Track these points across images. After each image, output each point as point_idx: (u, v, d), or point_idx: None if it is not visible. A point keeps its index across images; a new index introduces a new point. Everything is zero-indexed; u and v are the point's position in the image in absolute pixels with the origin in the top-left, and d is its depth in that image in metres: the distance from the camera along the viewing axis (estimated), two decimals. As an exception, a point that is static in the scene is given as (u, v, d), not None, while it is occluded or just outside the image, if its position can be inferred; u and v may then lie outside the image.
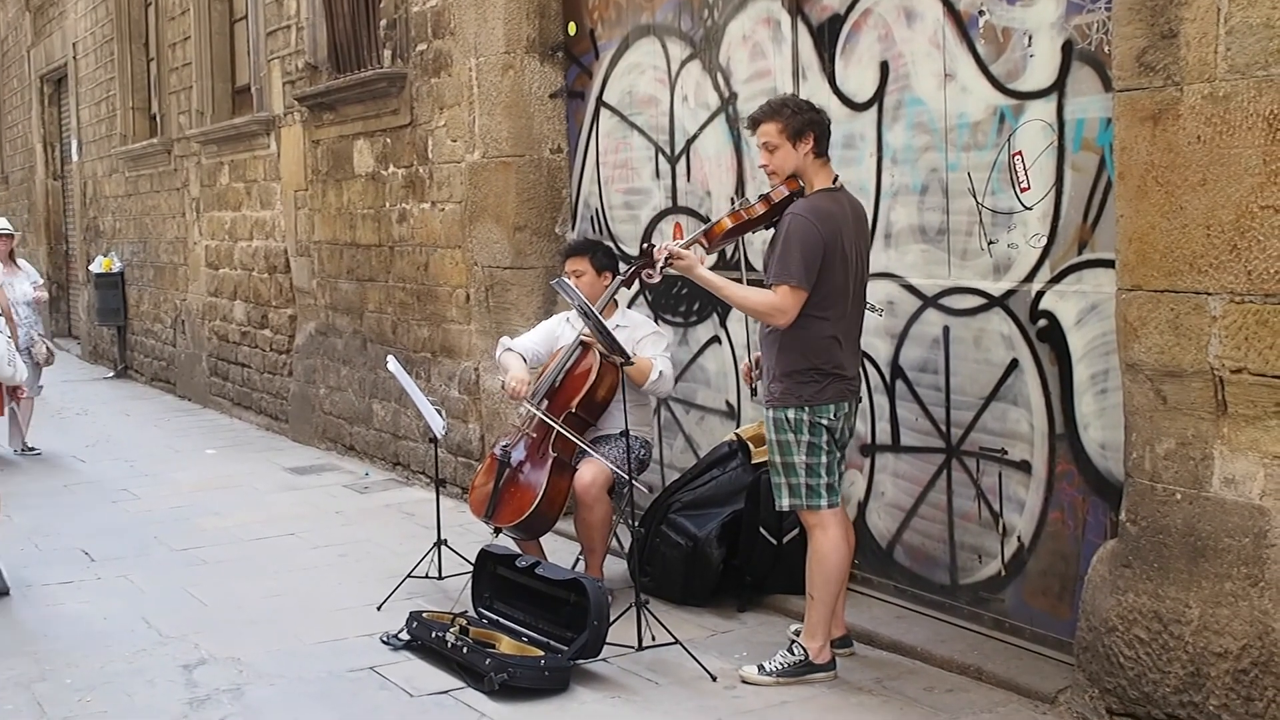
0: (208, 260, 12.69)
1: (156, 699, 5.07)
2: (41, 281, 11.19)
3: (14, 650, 5.61)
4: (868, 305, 5.21)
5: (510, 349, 6.26)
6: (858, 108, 5.69)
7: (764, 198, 5.05)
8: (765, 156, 5.00)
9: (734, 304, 5.13)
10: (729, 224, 5.08)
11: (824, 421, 4.95)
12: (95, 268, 15.56)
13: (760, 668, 5.05)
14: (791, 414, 4.94)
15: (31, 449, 10.41)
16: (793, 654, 5.05)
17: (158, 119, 14.05)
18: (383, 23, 8.96)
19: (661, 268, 5.07)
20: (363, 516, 8.08)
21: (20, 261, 11.13)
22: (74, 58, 16.98)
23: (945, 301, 5.38)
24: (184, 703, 5.02)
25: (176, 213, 13.48)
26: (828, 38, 5.83)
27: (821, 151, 4.98)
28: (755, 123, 5.04)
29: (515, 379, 6.04)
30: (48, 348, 10.54)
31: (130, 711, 4.96)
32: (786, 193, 4.99)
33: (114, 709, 4.98)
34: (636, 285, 6.85)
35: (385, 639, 5.61)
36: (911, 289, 5.53)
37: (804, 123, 4.93)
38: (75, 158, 17.47)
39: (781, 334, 4.92)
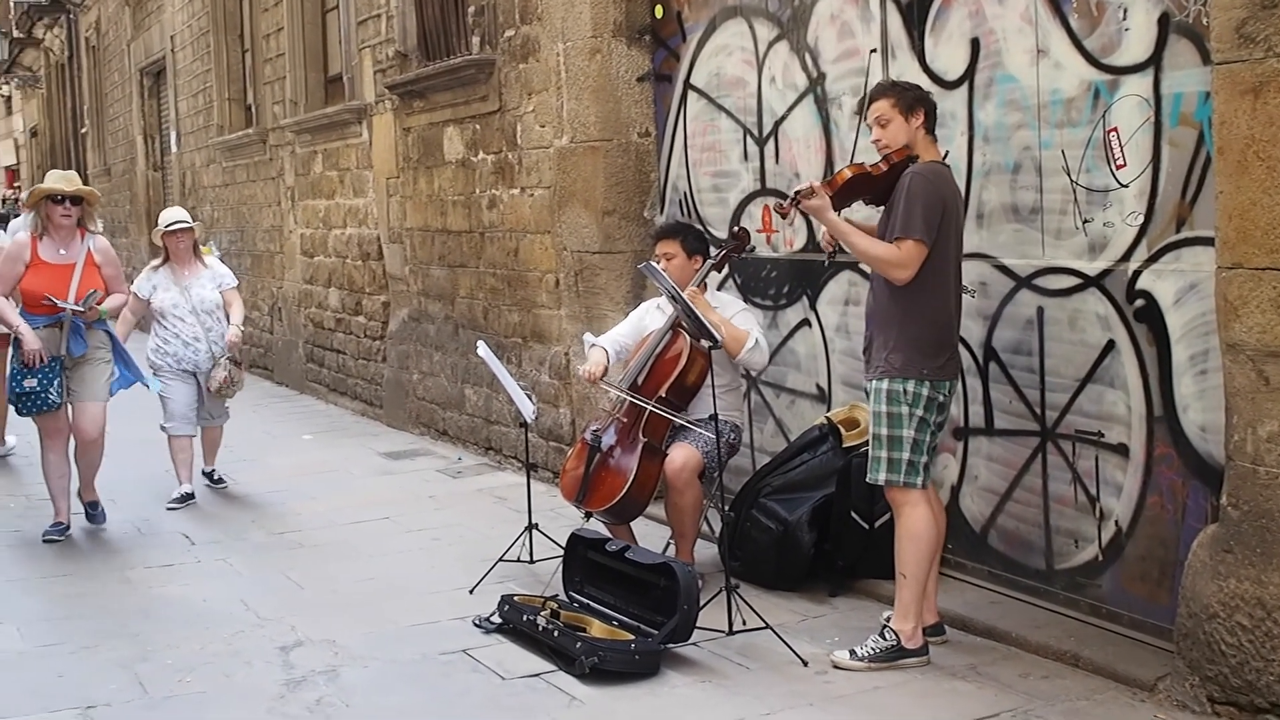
0: (303, 248, 12.85)
1: (254, 680, 5.16)
2: (234, 284, 8.60)
3: (117, 631, 5.73)
4: (962, 287, 5.15)
5: (595, 344, 6.28)
6: (948, 86, 5.61)
7: (884, 159, 5.03)
8: (878, 132, 5.02)
9: (857, 253, 5.06)
10: (849, 173, 5.05)
11: (940, 397, 4.93)
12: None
13: (852, 653, 5.02)
14: (911, 386, 4.89)
15: (219, 481, 8.67)
16: (884, 639, 5.01)
17: (253, 109, 14.25)
18: (471, 9, 9.00)
19: (792, 201, 5.04)
20: (455, 501, 8.15)
21: (210, 260, 8.78)
22: (172, 50, 17.28)
23: (1039, 282, 5.29)
24: (280, 684, 5.10)
25: (272, 201, 13.67)
26: (917, 15, 5.75)
27: (931, 128, 5.02)
28: (869, 102, 5.11)
29: (590, 362, 6.12)
30: (228, 373, 8.23)
31: (229, 691, 5.04)
32: (903, 158, 4.98)
33: (213, 689, 5.07)
34: (726, 269, 6.84)
35: (477, 622, 5.65)
36: (1004, 270, 5.44)
37: (914, 98, 5.00)
38: (174, 149, 17.77)
39: (905, 302, 4.88)
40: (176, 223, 8.37)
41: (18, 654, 5.50)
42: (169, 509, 7.94)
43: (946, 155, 5.16)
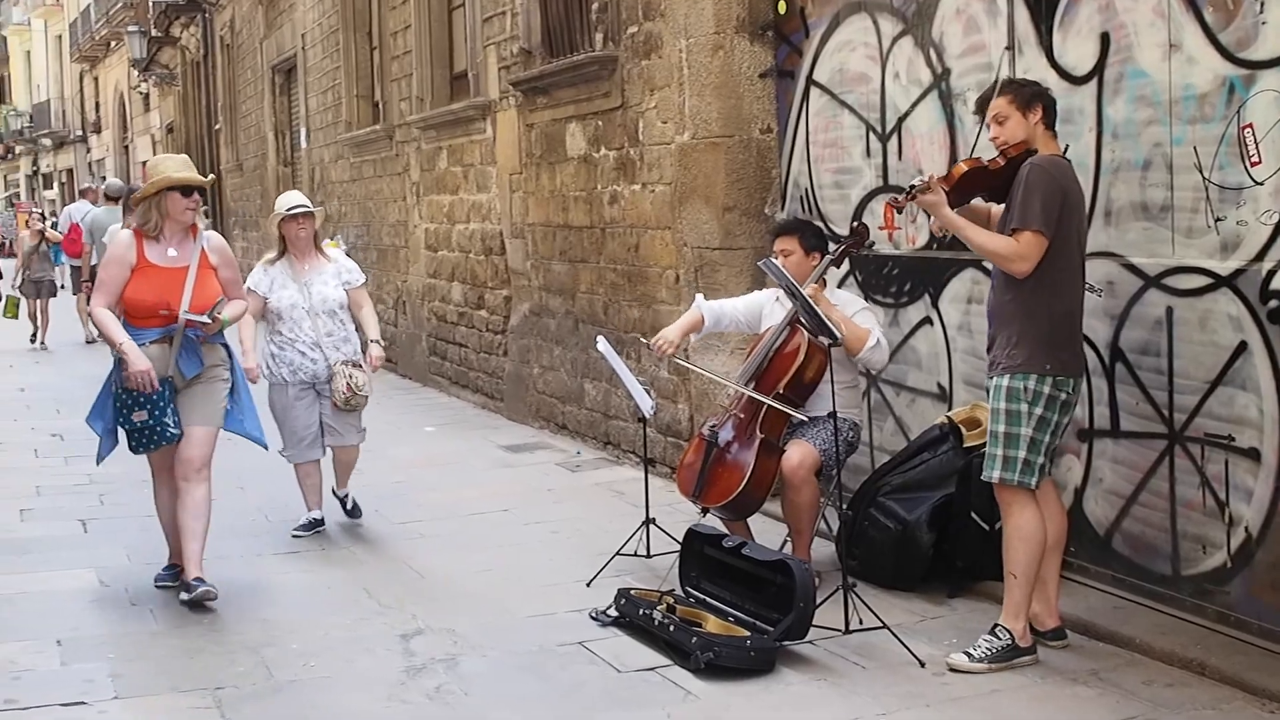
0: (427, 243, 13.04)
1: (375, 666, 5.26)
2: (361, 281, 7.48)
3: (245, 616, 5.88)
4: (1086, 285, 5.06)
5: (697, 305, 6.32)
6: (1076, 81, 5.52)
7: (1002, 153, 4.99)
8: (995, 129, 4.98)
9: (974, 246, 5.02)
10: (965, 167, 5.02)
11: (1063, 395, 4.86)
12: (324, 244, 16.08)
13: (968, 655, 4.96)
14: (1032, 383, 4.83)
15: (354, 510, 7.57)
16: (998, 638, 4.95)
17: (380, 106, 14.47)
18: (594, 6, 9.06)
19: (908, 195, 5.01)
20: (573, 494, 8.21)
21: (335, 252, 7.68)
22: (302, 48, 17.63)
23: (1168, 281, 5.17)
24: (401, 670, 5.19)
25: (398, 197, 13.88)
26: (1045, 10, 5.67)
27: (1050, 124, 4.96)
28: (984, 103, 5.09)
29: (670, 330, 6.22)
30: (347, 384, 7.11)
31: (351, 677, 5.15)
32: (1020, 152, 4.93)
33: (335, 674, 5.18)
34: (846, 265, 6.80)
35: (594, 615, 5.69)
36: (1132, 268, 5.33)
37: (1032, 94, 4.96)
38: (304, 144, 18.12)
39: (1027, 297, 4.83)
40: (296, 207, 7.25)
41: (150, 635, 5.68)
42: (294, 535, 7.18)
43: (1066, 150, 5.09)
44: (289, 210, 7.22)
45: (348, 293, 7.31)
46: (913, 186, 4.99)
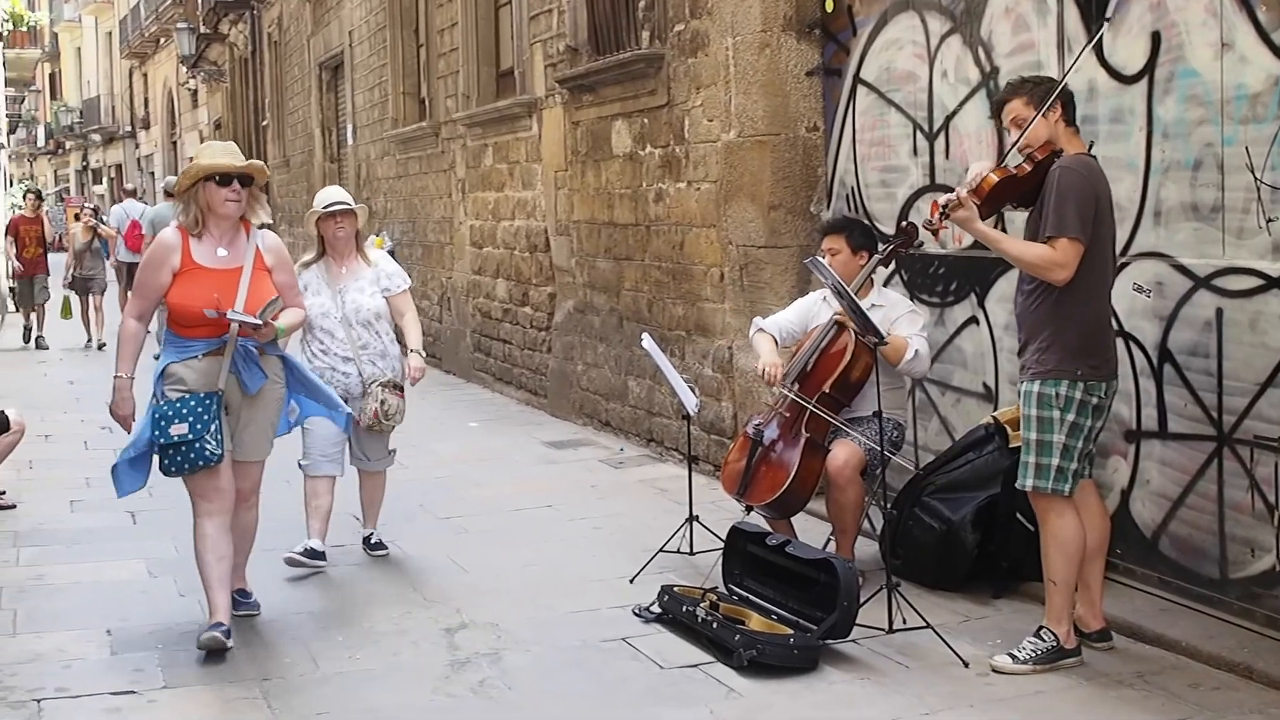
0: (472, 239, 13.09)
1: (420, 659, 5.30)
2: (404, 288, 6.69)
3: (291, 609, 5.93)
4: (1134, 286, 5.03)
5: (762, 329, 6.27)
6: (1126, 80, 5.48)
7: (1028, 158, 4.92)
8: (1016, 133, 4.91)
9: (1011, 258, 4.97)
10: (995, 179, 4.92)
11: (1095, 400, 4.80)
12: (367, 246, 16.16)
13: (1012, 656, 4.95)
14: (1063, 389, 4.79)
15: (378, 547, 6.76)
16: (1042, 639, 4.93)
17: (426, 103, 14.55)
18: (641, 4, 9.07)
19: (941, 216, 4.98)
20: (617, 491, 8.23)
21: (376, 255, 6.92)
22: (349, 45, 17.73)
23: (1218, 282, 5.13)
24: (446, 664, 5.23)
25: (443, 193, 13.95)
26: (1095, 8, 5.63)
27: (1071, 120, 4.88)
28: (999, 105, 4.99)
29: (769, 364, 6.01)
30: (377, 408, 6.40)
31: (396, 670, 5.19)
32: (1047, 154, 4.86)
33: (381, 667, 5.22)
34: (892, 264, 6.78)
35: (637, 611, 5.71)
36: (1182, 269, 5.30)
37: (1048, 91, 4.86)
38: (350, 141, 18.23)
39: (1056, 301, 4.77)
40: (335, 204, 6.58)
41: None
42: (287, 561, 6.32)
43: (1091, 147, 5.03)
44: (326, 207, 6.59)
45: (388, 300, 6.59)
46: (944, 207, 4.95)
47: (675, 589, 5.65)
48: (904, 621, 5.27)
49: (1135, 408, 5.53)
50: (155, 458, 5.34)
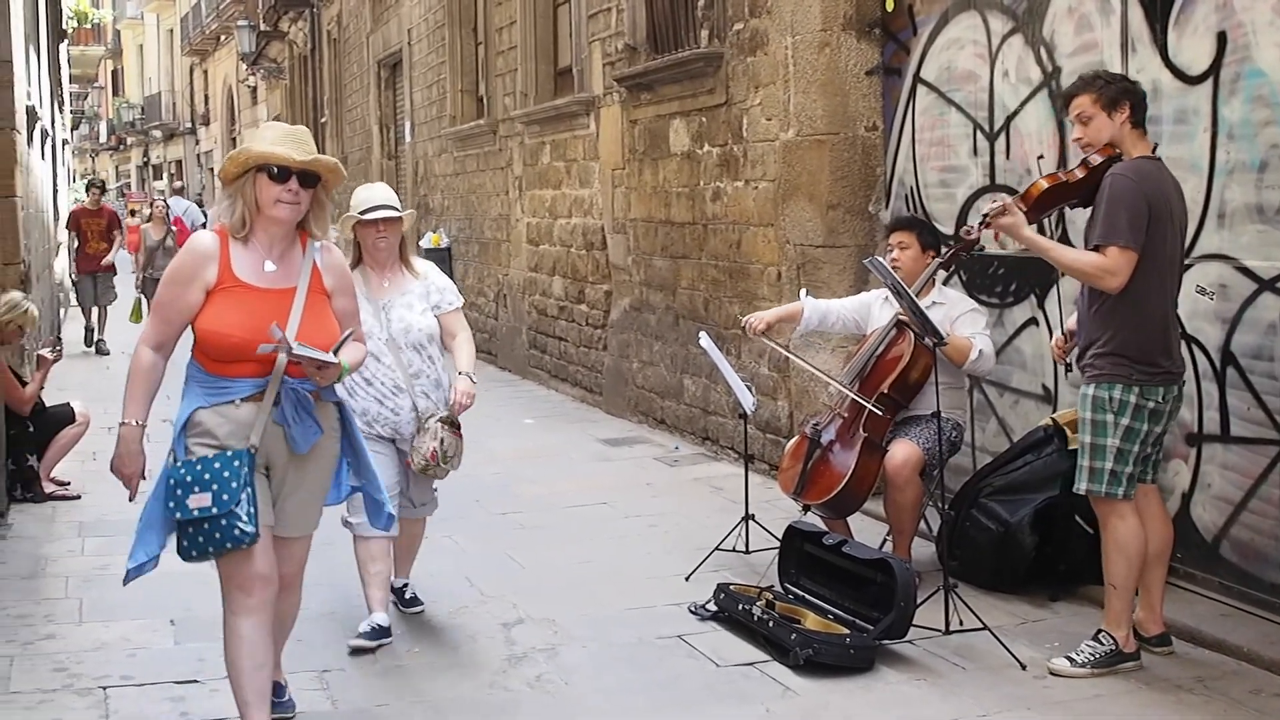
0: (529, 237, 13.15)
1: (478, 653, 5.34)
2: (456, 305, 5.59)
3: (350, 600, 5.95)
4: (1197, 288, 4.99)
5: (801, 300, 6.39)
6: (1191, 81, 5.44)
7: (1083, 163, 4.88)
8: (1080, 130, 4.86)
9: (1061, 266, 4.95)
10: (1045, 185, 4.90)
11: (1151, 404, 4.76)
12: (425, 243, 16.31)
13: (1070, 660, 4.93)
14: (1117, 392, 4.75)
15: (412, 601, 5.88)
16: (1101, 643, 4.90)
17: (484, 101, 14.63)
18: (700, 3, 9.08)
19: (982, 224, 4.95)
20: (672, 489, 8.25)
21: (424, 266, 5.64)
22: (408, 43, 17.85)
23: (1284, 285, 5.09)
24: (503, 659, 5.27)
25: (500, 191, 14.02)
26: (1160, 8, 5.59)
27: (1139, 122, 4.81)
28: (1069, 98, 4.93)
29: (767, 312, 6.26)
30: (434, 449, 5.35)
31: (455, 664, 5.24)
32: (1104, 159, 4.81)
33: (439, 661, 5.27)
34: (953, 266, 6.75)
35: (693, 609, 5.73)
36: (1246, 272, 5.25)
37: (1118, 91, 4.79)
38: (408, 138, 18.36)
39: (1115, 304, 4.73)
40: (376, 208, 5.38)
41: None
42: (351, 652, 5.30)
43: (1156, 149, 4.97)
44: (365, 212, 5.39)
45: (439, 319, 5.53)
46: (985, 215, 4.92)
47: (731, 587, 5.67)
48: (961, 623, 5.26)
49: (1197, 411, 5.49)
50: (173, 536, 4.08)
